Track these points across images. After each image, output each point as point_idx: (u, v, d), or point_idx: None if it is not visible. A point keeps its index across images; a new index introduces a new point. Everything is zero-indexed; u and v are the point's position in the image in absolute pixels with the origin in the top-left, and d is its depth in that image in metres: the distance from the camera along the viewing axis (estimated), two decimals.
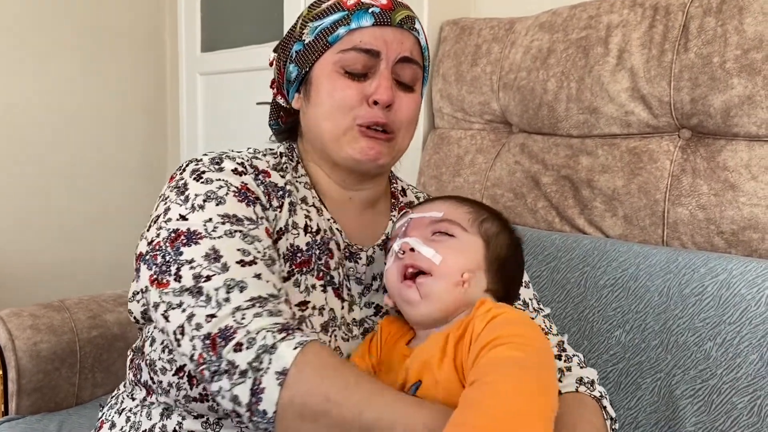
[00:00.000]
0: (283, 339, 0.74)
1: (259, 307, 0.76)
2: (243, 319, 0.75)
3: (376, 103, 0.91)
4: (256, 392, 0.72)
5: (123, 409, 0.97)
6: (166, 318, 0.80)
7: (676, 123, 1.29)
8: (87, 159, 2.66)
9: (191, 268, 0.79)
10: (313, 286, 0.90)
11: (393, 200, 1.06)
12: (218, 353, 0.74)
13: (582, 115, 1.39)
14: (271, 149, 1.00)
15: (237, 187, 0.86)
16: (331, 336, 0.89)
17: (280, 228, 0.89)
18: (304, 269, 0.90)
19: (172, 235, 0.82)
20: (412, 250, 0.82)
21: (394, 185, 1.09)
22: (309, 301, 0.89)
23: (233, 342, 0.74)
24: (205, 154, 0.91)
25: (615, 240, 1.31)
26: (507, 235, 0.87)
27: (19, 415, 1.40)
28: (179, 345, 0.78)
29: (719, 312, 1.09)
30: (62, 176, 2.60)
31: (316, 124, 0.94)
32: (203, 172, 0.87)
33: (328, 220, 0.96)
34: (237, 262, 0.79)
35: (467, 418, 0.64)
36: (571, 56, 1.41)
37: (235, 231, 0.82)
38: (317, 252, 0.92)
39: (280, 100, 1.04)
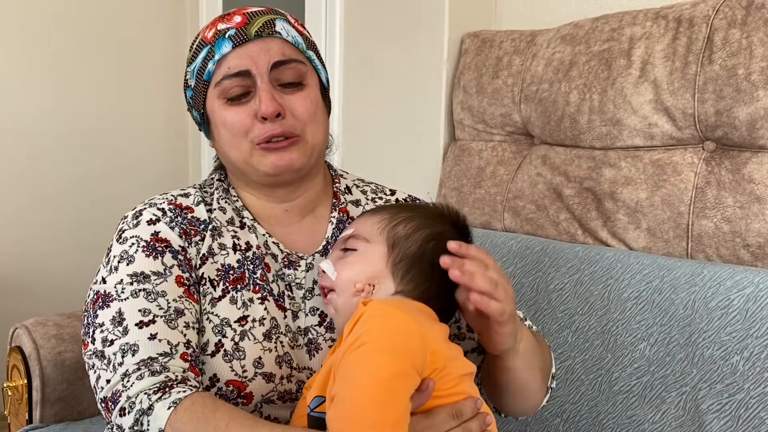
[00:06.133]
0: (159, 399, 0.80)
1: (144, 368, 0.84)
2: (128, 383, 0.83)
3: (265, 118, 0.93)
4: None
5: None
6: (90, 377, 0.89)
7: (700, 135, 1.28)
8: (109, 169, 2.68)
9: (101, 331, 0.88)
10: (251, 300, 0.94)
11: (334, 200, 1.07)
12: (111, 417, 0.83)
13: (605, 127, 1.39)
14: (211, 178, 1.06)
15: (147, 241, 0.93)
16: (276, 343, 0.92)
17: (204, 254, 0.95)
18: (239, 286, 0.94)
19: (94, 297, 0.92)
20: (324, 271, 0.89)
21: (337, 184, 1.09)
22: (248, 315, 0.93)
23: (118, 407, 0.82)
24: (135, 208, 0.98)
25: (639, 252, 1.31)
26: (425, 232, 0.87)
27: (43, 424, 1.42)
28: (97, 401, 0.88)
29: (746, 326, 1.08)
30: (85, 186, 2.63)
31: (225, 157, 1.00)
32: (123, 231, 0.96)
33: (264, 235, 1.00)
34: (136, 324, 0.87)
35: None
36: (594, 68, 1.41)
37: (140, 290, 0.89)
38: (251, 267, 0.96)
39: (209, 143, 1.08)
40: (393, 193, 1.12)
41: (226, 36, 0.95)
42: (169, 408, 0.79)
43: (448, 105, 1.77)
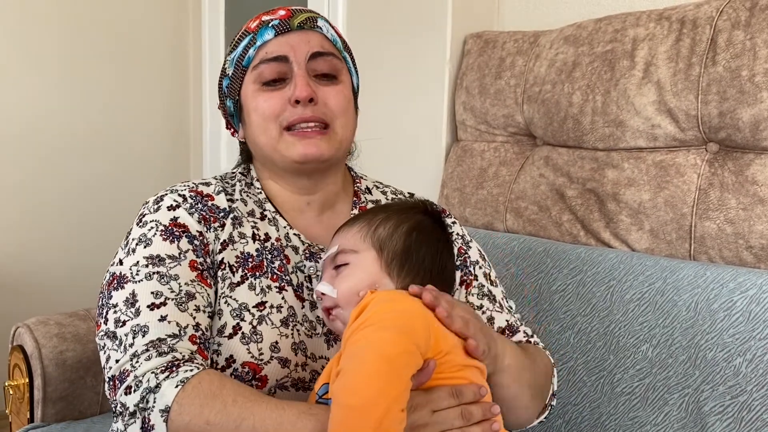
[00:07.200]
0: (166, 378, 0.82)
1: (153, 349, 0.85)
2: (136, 363, 0.84)
3: (298, 102, 0.96)
4: (147, 429, 0.81)
5: None
6: (100, 357, 0.90)
7: (704, 136, 1.28)
8: (110, 170, 2.68)
9: (114, 312, 0.90)
10: (269, 287, 0.96)
11: (355, 198, 1.09)
12: (115, 395, 0.85)
13: (608, 128, 1.39)
14: (233, 172, 1.09)
15: (165, 225, 0.95)
16: (292, 330, 0.94)
17: (224, 240, 0.97)
18: (257, 273, 0.96)
19: (110, 279, 0.93)
20: (323, 293, 0.90)
21: (358, 184, 1.12)
22: (266, 301, 0.95)
23: (124, 385, 0.84)
24: (157, 194, 1.00)
25: (641, 254, 1.30)
26: (405, 227, 0.90)
27: (44, 423, 1.41)
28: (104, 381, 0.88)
29: (749, 327, 1.08)
30: (86, 186, 2.63)
31: (254, 141, 1.02)
32: (144, 215, 0.98)
33: (285, 227, 1.02)
34: (148, 306, 0.88)
35: (332, 415, 0.72)
36: (597, 69, 1.41)
37: (154, 273, 0.91)
38: (269, 257, 0.98)
39: (237, 137, 1.10)
40: (411, 196, 1.13)
41: (270, 25, 0.99)
42: (177, 386, 0.81)
43: (451, 105, 1.76)
